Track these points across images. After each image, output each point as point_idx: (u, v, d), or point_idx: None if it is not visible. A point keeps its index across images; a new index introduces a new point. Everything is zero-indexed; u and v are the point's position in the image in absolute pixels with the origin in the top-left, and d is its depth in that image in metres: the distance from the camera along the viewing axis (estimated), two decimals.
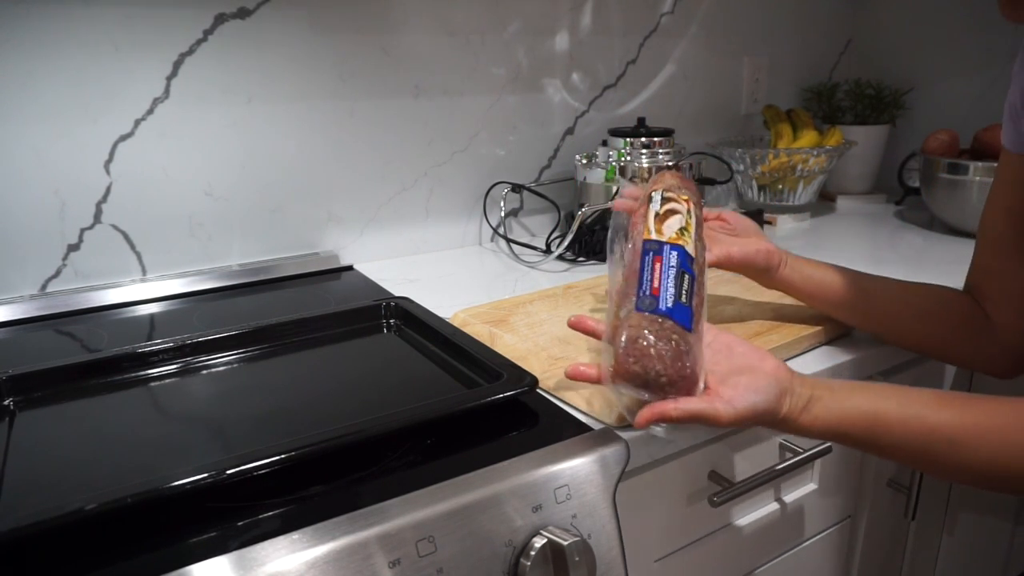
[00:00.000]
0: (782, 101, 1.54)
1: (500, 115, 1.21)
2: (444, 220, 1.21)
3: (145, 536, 0.49)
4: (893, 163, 1.47)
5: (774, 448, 0.75)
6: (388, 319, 0.85)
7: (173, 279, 0.99)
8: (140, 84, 0.94)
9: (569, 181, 1.27)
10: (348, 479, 0.54)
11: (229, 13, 0.97)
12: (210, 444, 0.61)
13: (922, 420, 0.54)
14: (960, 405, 0.54)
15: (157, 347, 0.73)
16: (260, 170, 1.04)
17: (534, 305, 0.85)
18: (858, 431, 0.56)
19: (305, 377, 0.73)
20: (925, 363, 0.86)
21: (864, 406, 0.56)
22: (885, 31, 1.59)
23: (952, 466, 0.54)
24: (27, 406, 0.66)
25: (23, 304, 0.91)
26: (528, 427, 0.62)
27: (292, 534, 0.48)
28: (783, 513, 0.78)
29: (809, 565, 0.84)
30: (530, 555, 0.53)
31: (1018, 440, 0.51)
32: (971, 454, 0.52)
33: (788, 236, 1.25)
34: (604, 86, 1.31)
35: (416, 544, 0.50)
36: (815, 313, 0.78)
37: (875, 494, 0.88)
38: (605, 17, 1.28)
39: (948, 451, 0.53)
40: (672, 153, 1.18)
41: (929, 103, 1.52)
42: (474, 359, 0.70)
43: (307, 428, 0.59)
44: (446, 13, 1.12)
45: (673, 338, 0.53)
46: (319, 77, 1.05)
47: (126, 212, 0.96)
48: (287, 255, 1.08)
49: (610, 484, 0.58)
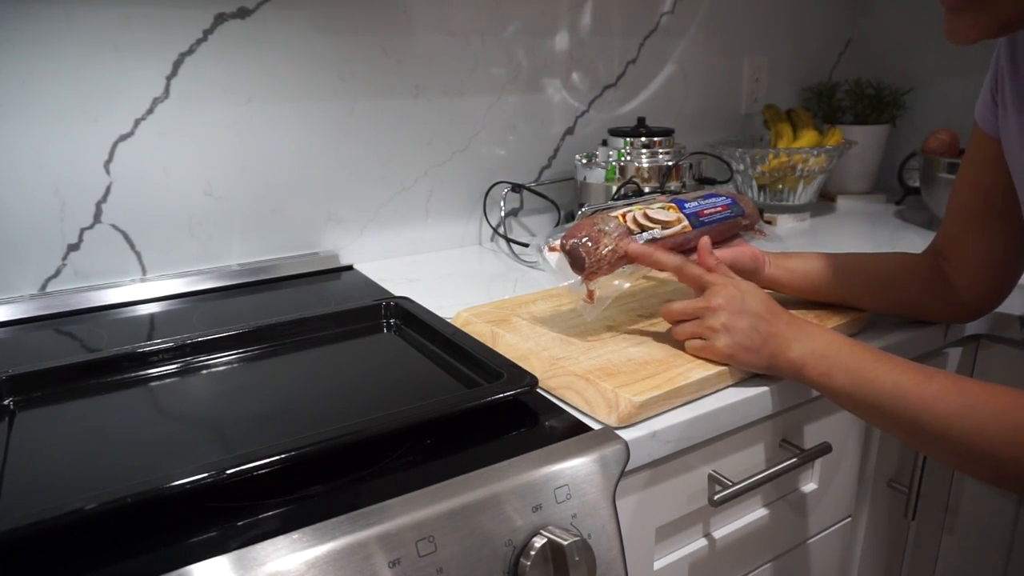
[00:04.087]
0: (782, 101, 1.54)
1: (500, 115, 1.21)
2: (444, 220, 1.21)
3: (145, 536, 0.49)
4: (893, 163, 1.47)
5: (774, 448, 0.75)
6: (388, 319, 0.85)
7: (173, 279, 0.99)
8: (140, 84, 0.94)
9: (569, 181, 1.27)
10: (348, 479, 0.54)
11: (229, 13, 0.97)
12: (210, 444, 0.61)
13: (911, 384, 0.56)
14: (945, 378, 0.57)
15: (157, 347, 0.73)
16: (260, 170, 1.04)
17: (536, 305, 0.85)
18: (844, 377, 0.60)
19: (305, 377, 0.73)
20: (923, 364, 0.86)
21: (851, 361, 0.60)
22: (885, 31, 1.59)
23: (927, 434, 0.55)
24: (27, 406, 0.66)
25: (23, 304, 0.91)
26: (528, 427, 0.62)
27: (292, 534, 0.48)
28: (783, 513, 0.78)
29: (809, 565, 0.84)
30: (530, 555, 0.53)
31: (985, 418, 0.52)
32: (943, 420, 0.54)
33: (788, 236, 1.25)
34: (604, 86, 1.31)
35: (416, 544, 0.50)
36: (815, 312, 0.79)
37: (875, 494, 0.88)
38: (605, 17, 1.28)
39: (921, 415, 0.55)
40: (672, 153, 1.18)
41: (929, 103, 1.52)
42: (474, 359, 0.70)
43: (307, 428, 0.59)
44: (446, 13, 1.12)
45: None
46: (319, 77, 1.05)
47: (126, 212, 0.96)
48: (287, 255, 1.08)
49: (610, 484, 0.58)
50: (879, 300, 0.80)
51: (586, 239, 0.69)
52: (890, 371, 0.58)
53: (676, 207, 0.76)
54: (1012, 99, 0.66)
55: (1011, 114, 0.66)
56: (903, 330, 0.81)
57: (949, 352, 0.91)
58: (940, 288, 0.78)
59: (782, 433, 0.75)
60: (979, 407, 0.53)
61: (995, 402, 0.52)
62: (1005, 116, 0.67)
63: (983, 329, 0.89)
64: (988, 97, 0.71)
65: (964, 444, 0.53)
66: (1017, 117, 0.65)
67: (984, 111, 0.71)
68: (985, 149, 0.71)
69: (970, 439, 0.52)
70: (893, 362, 0.59)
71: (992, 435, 0.51)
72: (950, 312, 0.80)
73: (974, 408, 0.53)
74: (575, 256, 0.70)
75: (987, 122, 0.71)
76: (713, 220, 0.77)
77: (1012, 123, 0.66)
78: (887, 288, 0.80)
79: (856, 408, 0.61)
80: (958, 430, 0.53)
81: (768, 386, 0.69)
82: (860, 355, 0.60)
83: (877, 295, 0.80)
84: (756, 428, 0.72)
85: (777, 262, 0.80)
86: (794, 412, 0.75)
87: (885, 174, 1.50)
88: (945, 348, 0.89)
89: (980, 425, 0.52)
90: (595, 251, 0.69)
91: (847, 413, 0.80)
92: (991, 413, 0.52)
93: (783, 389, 0.70)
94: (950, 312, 0.80)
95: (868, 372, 0.59)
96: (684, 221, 0.75)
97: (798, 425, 0.76)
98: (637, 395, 0.62)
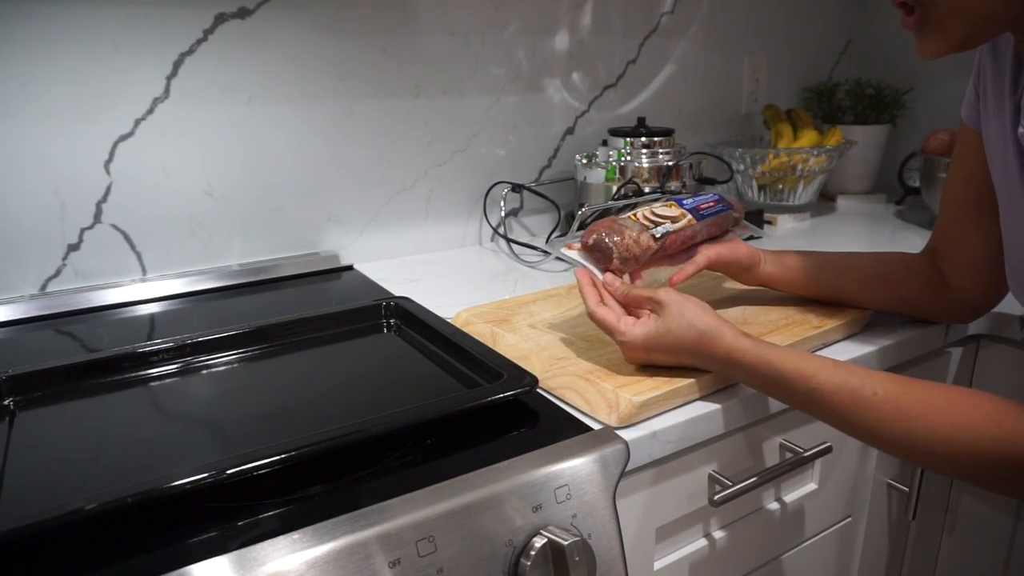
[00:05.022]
0: (782, 101, 1.54)
1: (500, 115, 1.21)
2: (444, 220, 1.21)
3: (145, 536, 0.49)
4: (893, 163, 1.47)
5: (774, 448, 0.75)
6: (388, 319, 0.85)
7: (173, 279, 0.99)
8: (140, 84, 0.94)
9: (569, 181, 1.27)
10: (348, 479, 0.54)
11: (229, 13, 0.97)
12: (210, 444, 0.61)
13: (853, 370, 0.57)
14: (888, 376, 0.58)
15: (157, 347, 0.73)
16: (260, 170, 1.04)
17: (537, 305, 0.85)
18: (790, 367, 0.59)
19: (305, 377, 0.73)
20: (924, 363, 0.86)
21: (795, 357, 0.60)
22: (885, 31, 1.59)
23: (865, 422, 0.56)
24: (27, 406, 0.66)
25: (23, 304, 0.91)
26: (528, 427, 0.62)
27: (292, 534, 0.48)
28: (783, 513, 0.78)
29: (809, 565, 0.84)
30: (530, 555, 0.53)
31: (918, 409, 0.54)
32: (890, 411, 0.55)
33: (788, 236, 1.25)
34: (604, 86, 1.31)
35: (416, 544, 0.50)
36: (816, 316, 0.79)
37: (875, 494, 0.88)
38: (605, 17, 1.28)
39: (872, 399, 0.55)
40: (672, 153, 1.18)
41: (929, 103, 1.52)
42: (474, 359, 0.70)
43: (307, 428, 0.59)
44: (446, 13, 1.12)
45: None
46: (319, 77, 1.05)
47: (126, 212, 0.96)
48: (287, 255, 1.08)
49: (610, 484, 0.58)
50: (876, 298, 0.81)
51: (609, 233, 0.71)
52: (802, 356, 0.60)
53: (676, 204, 0.78)
54: (992, 92, 0.67)
55: (991, 106, 0.67)
56: (903, 330, 0.81)
57: (951, 352, 0.91)
58: (937, 286, 0.78)
59: (782, 433, 0.75)
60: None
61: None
62: (985, 109, 0.68)
63: (983, 329, 0.89)
64: (972, 92, 0.71)
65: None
66: (997, 110, 0.66)
67: (968, 108, 0.72)
68: (973, 145, 0.72)
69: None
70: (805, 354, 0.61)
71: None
72: (948, 310, 0.80)
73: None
74: (602, 249, 0.70)
75: (972, 118, 0.72)
76: (710, 213, 0.79)
77: (991, 115, 0.67)
78: (884, 286, 0.80)
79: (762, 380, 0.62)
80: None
81: None
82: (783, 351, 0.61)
83: (873, 293, 0.80)
84: (756, 428, 0.72)
85: (772, 259, 0.81)
86: (794, 412, 0.74)
87: (885, 174, 1.50)
88: (946, 348, 0.89)
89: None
90: (622, 243, 0.70)
91: None
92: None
93: None
94: (948, 310, 0.80)
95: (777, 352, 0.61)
96: (688, 215, 0.77)
97: (798, 425, 0.76)
98: (637, 395, 0.62)
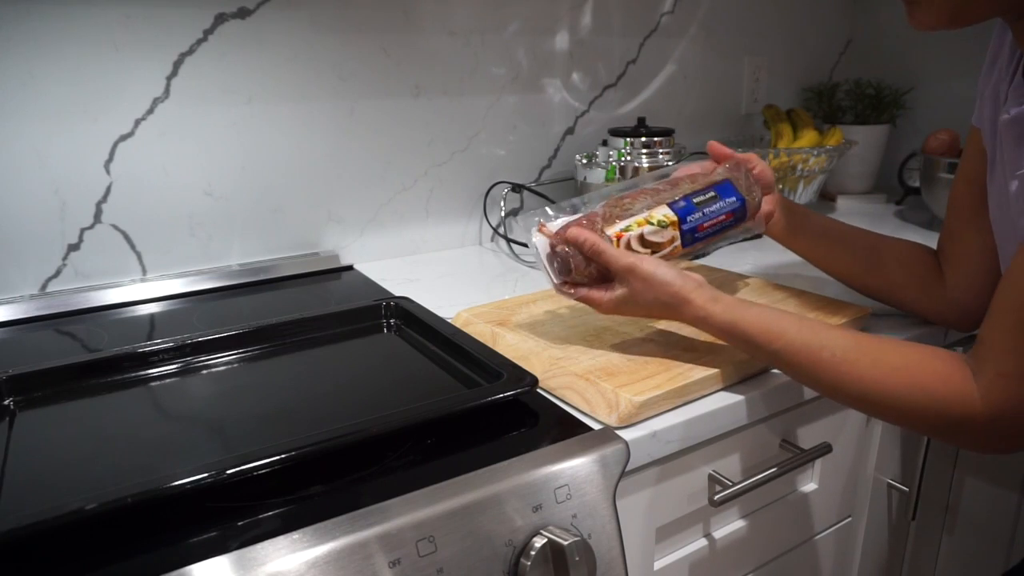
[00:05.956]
0: (782, 101, 1.54)
1: (500, 115, 1.21)
2: (444, 220, 1.21)
3: (145, 536, 0.49)
4: (893, 163, 1.47)
5: (774, 448, 0.75)
6: (388, 319, 0.85)
7: (173, 279, 0.99)
8: (140, 84, 0.94)
9: (569, 181, 1.27)
10: (348, 479, 0.54)
11: (229, 13, 0.97)
12: (210, 444, 0.61)
13: (815, 331, 0.62)
14: (852, 333, 0.62)
15: (157, 347, 0.73)
16: (260, 170, 1.04)
17: (537, 305, 0.85)
18: (756, 330, 0.63)
19: (305, 377, 0.73)
20: None
21: (763, 319, 0.64)
22: (885, 31, 1.59)
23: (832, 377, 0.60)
24: (27, 406, 0.66)
25: (23, 304, 0.91)
26: (528, 427, 0.62)
27: (292, 534, 0.48)
28: (783, 513, 0.78)
29: (809, 565, 0.84)
30: (530, 555, 0.53)
31: (888, 360, 0.58)
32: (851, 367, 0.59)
33: None
34: (604, 86, 1.31)
35: (416, 544, 0.50)
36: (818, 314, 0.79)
37: (875, 494, 0.88)
38: (605, 17, 1.28)
39: (831, 360, 0.60)
40: (672, 153, 1.18)
41: (929, 103, 1.52)
42: (474, 359, 0.70)
43: (307, 428, 0.59)
44: (446, 13, 1.12)
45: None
46: (319, 77, 1.05)
47: (126, 212, 0.96)
48: (287, 255, 1.08)
49: (610, 484, 0.58)
50: (864, 274, 0.82)
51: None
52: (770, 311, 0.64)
53: (677, 221, 0.72)
54: (989, 89, 0.68)
55: (987, 100, 0.68)
56: (904, 330, 0.81)
57: None
58: (930, 280, 0.78)
59: (782, 433, 0.75)
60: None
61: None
62: (981, 104, 0.69)
63: None
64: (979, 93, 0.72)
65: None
66: (991, 103, 0.67)
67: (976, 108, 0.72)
68: (977, 144, 0.72)
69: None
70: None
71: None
72: (936, 309, 0.80)
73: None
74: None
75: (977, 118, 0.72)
76: (708, 235, 0.75)
77: (987, 109, 0.68)
78: (874, 264, 0.81)
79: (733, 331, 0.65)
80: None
81: (768, 386, 0.69)
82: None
83: (864, 267, 0.82)
84: (756, 428, 0.72)
85: (786, 209, 0.82)
86: (794, 412, 0.75)
87: (885, 174, 1.50)
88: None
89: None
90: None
91: (847, 413, 0.80)
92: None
93: (783, 389, 0.70)
94: (936, 309, 0.80)
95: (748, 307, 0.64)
96: (677, 241, 0.72)
97: (798, 425, 0.76)
98: (637, 395, 0.62)
